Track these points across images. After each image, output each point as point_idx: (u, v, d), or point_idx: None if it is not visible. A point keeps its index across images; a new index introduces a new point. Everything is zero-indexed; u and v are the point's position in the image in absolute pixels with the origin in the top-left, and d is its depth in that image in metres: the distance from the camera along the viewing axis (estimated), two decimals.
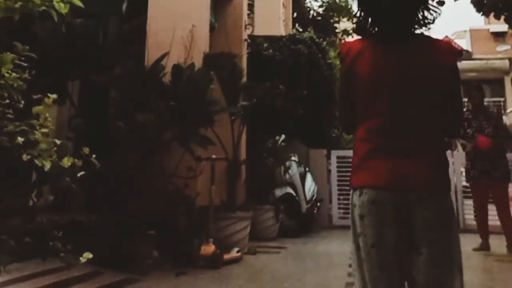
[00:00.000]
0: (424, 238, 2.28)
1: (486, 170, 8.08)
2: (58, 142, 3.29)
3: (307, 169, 11.09)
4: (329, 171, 12.31)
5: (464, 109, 8.48)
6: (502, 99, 36.56)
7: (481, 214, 8.52)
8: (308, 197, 10.26)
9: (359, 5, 2.61)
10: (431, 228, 2.29)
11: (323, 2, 23.45)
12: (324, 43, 13.27)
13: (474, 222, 11.21)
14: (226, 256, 6.78)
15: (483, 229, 8.45)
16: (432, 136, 2.44)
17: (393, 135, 2.40)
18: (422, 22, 2.53)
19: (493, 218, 9.38)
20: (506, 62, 36.17)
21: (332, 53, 14.54)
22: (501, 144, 8.20)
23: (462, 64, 36.98)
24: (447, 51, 2.49)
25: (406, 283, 2.36)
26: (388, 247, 2.30)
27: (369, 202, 2.35)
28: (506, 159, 8.21)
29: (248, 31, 10.89)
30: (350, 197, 2.50)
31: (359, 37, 2.63)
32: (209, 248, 6.53)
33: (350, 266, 6.83)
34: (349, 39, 25.82)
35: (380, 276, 2.32)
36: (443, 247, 2.30)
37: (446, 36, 43.75)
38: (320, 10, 23.42)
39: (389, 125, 2.42)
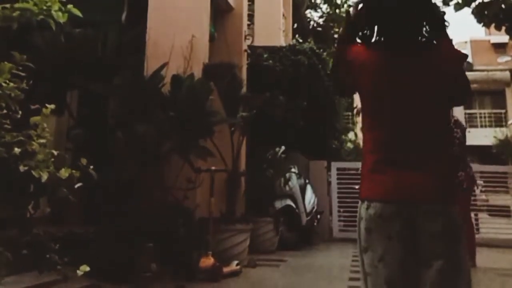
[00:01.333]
0: (433, 252, 2.26)
1: None
2: (55, 153, 3.25)
3: (307, 181, 11.03)
4: (329, 183, 12.28)
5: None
6: (503, 110, 36.63)
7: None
8: (308, 209, 10.20)
9: (365, 16, 2.60)
10: (440, 241, 2.26)
11: (323, 12, 23.56)
12: (325, 54, 13.25)
13: (476, 235, 11.20)
14: (226, 269, 6.71)
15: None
16: (438, 145, 2.43)
17: (399, 146, 2.39)
18: (429, 31, 2.51)
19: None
20: (507, 73, 36.25)
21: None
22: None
23: None
24: (451, 58, 2.48)
25: None
26: (396, 262, 2.28)
27: (376, 215, 2.33)
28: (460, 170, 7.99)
29: (248, 42, 10.87)
30: (358, 208, 2.47)
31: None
32: (208, 261, 6.46)
33: (350, 279, 6.83)
34: None
35: None
36: (452, 261, 2.26)
37: None
38: (321, 20, 23.53)
39: (395, 137, 2.41)
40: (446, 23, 2.56)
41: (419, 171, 2.32)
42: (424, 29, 2.51)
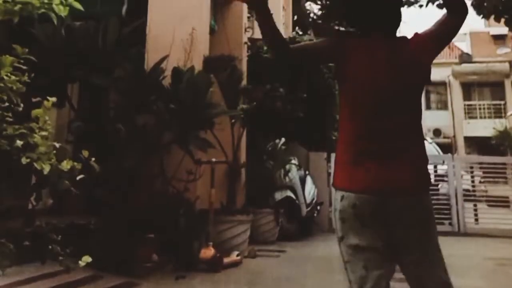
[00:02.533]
0: (408, 242, 2.39)
1: None
2: (57, 145, 3.29)
3: (307, 172, 11.05)
4: (329, 174, 12.26)
5: None
6: (502, 102, 36.54)
7: None
8: (308, 201, 10.22)
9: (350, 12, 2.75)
10: (415, 231, 2.38)
11: (323, 5, 23.45)
12: None
13: (475, 226, 11.22)
14: (226, 260, 6.75)
15: None
16: (415, 136, 2.52)
17: (377, 138, 2.44)
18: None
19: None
20: (507, 65, 36.16)
21: None
22: None
23: (463, 67, 37.05)
24: (419, 42, 2.58)
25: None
26: (371, 248, 2.36)
27: (349, 206, 2.39)
28: None
29: (248, 34, 10.86)
30: (333, 200, 2.55)
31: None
32: (209, 252, 6.50)
33: None
34: None
35: (365, 277, 2.36)
36: (428, 252, 2.40)
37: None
38: (320, 13, 23.42)
39: (373, 128, 2.45)
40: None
41: (396, 163, 2.40)
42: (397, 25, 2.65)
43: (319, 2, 23.64)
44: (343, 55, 2.53)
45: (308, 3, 22.96)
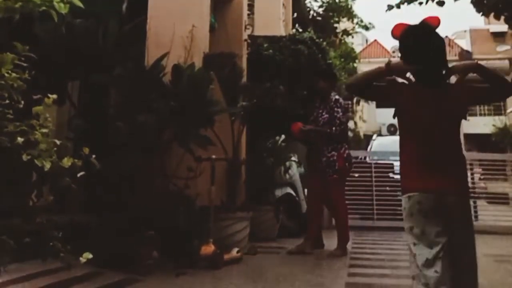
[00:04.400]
0: (456, 224, 3.34)
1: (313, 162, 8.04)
2: (58, 142, 3.30)
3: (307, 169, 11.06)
4: None
5: None
6: None
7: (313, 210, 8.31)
8: None
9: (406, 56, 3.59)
10: (462, 218, 3.38)
11: (323, 2, 23.46)
12: (324, 43, 13.19)
13: (475, 223, 11.16)
14: (226, 257, 6.77)
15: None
16: (457, 154, 3.48)
17: (430, 156, 3.38)
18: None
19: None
20: (506, 62, 36.22)
21: (332, 53, 14.49)
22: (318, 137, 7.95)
23: None
24: (465, 90, 3.52)
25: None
26: (432, 232, 3.27)
27: (415, 202, 3.32)
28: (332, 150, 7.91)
29: (248, 31, 10.87)
30: (402, 202, 3.44)
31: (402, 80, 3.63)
32: (209, 249, 6.52)
33: (350, 266, 6.88)
34: (349, 39, 25.88)
35: (430, 252, 3.25)
36: (469, 228, 3.44)
37: (446, 37, 43.81)
38: (320, 10, 23.43)
39: (429, 147, 3.39)
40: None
41: (445, 173, 3.34)
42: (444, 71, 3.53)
43: (319, 0, 23.63)
44: (402, 98, 3.48)
45: (308, 0, 22.96)
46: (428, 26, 3.64)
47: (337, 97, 8.07)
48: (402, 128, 3.55)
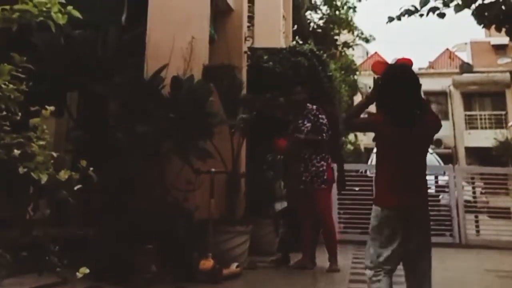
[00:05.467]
0: (413, 234, 4.11)
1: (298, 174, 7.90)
2: (55, 154, 3.25)
3: None
4: None
5: None
6: (503, 112, 36.63)
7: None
8: None
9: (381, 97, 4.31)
10: (420, 228, 4.19)
11: (323, 14, 23.56)
12: (325, 55, 13.20)
13: (476, 237, 11.15)
14: (226, 271, 6.70)
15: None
16: (421, 178, 4.31)
17: (401, 178, 4.16)
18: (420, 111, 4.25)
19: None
20: (507, 75, 36.25)
21: (332, 66, 14.48)
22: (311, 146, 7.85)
23: (463, 77, 37.09)
24: (433, 122, 4.40)
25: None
26: (394, 240, 4.08)
27: (385, 216, 4.12)
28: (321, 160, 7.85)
29: (248, 43, 10.85)
30: (372, 210, 4.24)
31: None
32: (208, 263, 6.45)
33: (350, 282, 6.82)
34: (350, 51, 25.94)
35: (383, 247, 4.13)
36: (424, 240, 4.21)
37: (447, 49, 43.94)
38: (320, 22, 23.54)
39: (399, 173, 4.15)
40: (427, 104, 4.44)
41: (410, 193, 4.15)
42: (417, 110, 4.18)
43: (319, 12, 23.70)
44: (381, 126, 4.22)
45: (308, 12, 23.02)
46: (405, 66, 4.36)
47: (315, 106, 8.08)
48: (379, 152, 4.45)
